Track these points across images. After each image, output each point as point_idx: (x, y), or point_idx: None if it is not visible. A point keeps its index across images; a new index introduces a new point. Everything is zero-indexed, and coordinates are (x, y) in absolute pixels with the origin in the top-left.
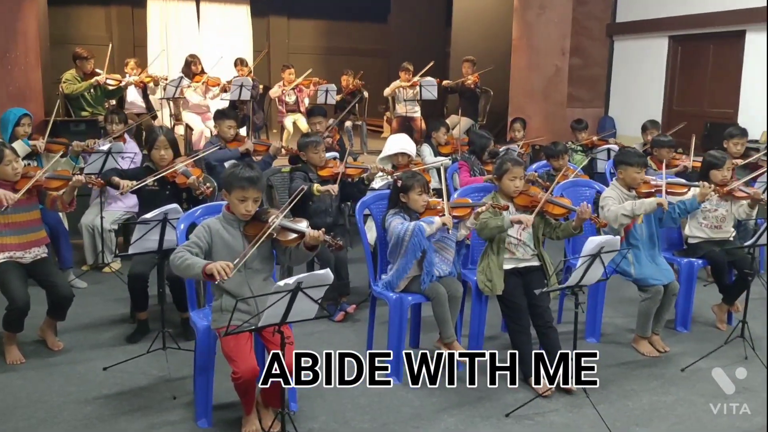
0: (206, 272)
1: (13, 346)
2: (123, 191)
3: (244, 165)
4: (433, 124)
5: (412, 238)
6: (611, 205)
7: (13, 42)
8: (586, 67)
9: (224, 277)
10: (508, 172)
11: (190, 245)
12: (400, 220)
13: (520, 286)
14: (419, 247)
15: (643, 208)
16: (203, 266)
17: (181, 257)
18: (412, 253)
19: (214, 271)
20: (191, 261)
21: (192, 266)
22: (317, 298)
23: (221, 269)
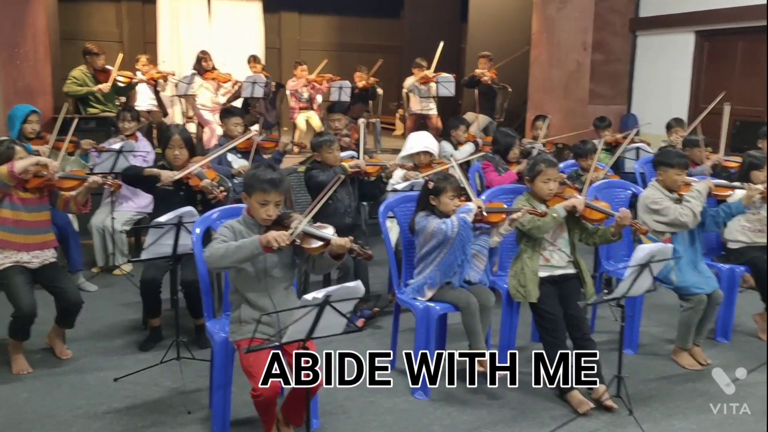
0: (263, 242)
1: (20, 354)
2: (164, 183)
3: (266, 166)
4: (452, 121)
5: (460, 231)
6: (671, 204)
7: (21, 37)
8: (608, 63)
9: (282, 245)
10: (541, 174)
11: (220, 242)
12: (438, 219)
13: (555, 294)
14: (468, 239)
15: (702, 194)
16: (257, 239)
17: (219, 246)
18: (460, 248)
19: (271, 240)
20: (238, 243)
21: (242, 247)
22: (346, 312)
23: (278, 237)
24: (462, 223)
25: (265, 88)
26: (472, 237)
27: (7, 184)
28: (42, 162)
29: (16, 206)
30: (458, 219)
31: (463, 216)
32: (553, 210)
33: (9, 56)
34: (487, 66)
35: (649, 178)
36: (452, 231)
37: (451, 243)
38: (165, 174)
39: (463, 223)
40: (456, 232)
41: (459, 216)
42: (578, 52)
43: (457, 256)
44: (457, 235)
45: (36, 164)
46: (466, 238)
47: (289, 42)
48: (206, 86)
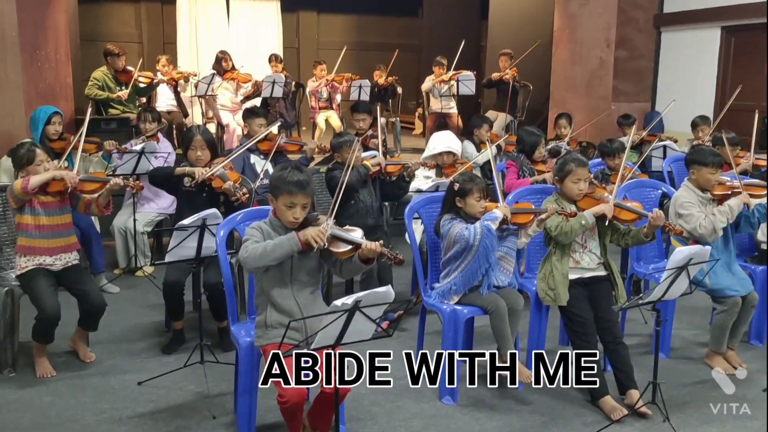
0: (302, 239)
1: (43, 357)
2: (198, 180)
3: (293, 167)
4: (475, 120)
5: (483, 239)
6: (697, 213)
7: (43, 39)
8: (632, 60)
9: (321, 244)
10: (571, 174)
11: (254, 242)
12: (462, 224)
13: (586, 297)
14: (491, 248)
15: (733, 212)
16: (295, 235)
17: (256, 246)
18: (484, 257)
19: (310, 239)
20: (276, 241)
21: (280, 244)
22: (376, 318)
23: (316, 235)
24: (485, 231)
25: (284, 88)
26: (496, 245)
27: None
28: (58, 177)
29: (36, 211)
30: (482, 226)
31: (487, 224)
32: (582, 216)
33: (31, 58)
34: (508, 64)
35: (677, 176)
36: (474, 238)
37: (474, 250)
38: (199, 170)
39: (487, 231)
40: (479, 240)
41: (483, 223)
42: (601, 49)
43: (481, 264)
44: (480, 243)
45: (52, 179)
46: (489, 246)
47: (307, 41)
48: (226, 86)
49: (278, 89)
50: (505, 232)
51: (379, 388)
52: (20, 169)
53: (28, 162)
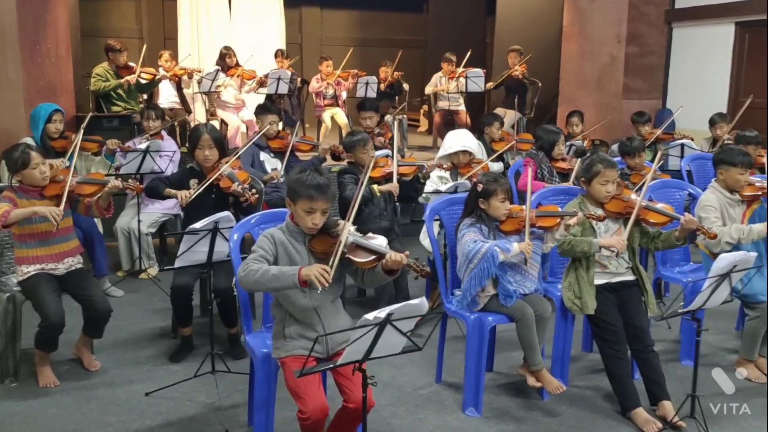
0: (302, 279)
1: (47, 366)
2: (183, 204)
3: (312, 169)
4: (486, 118)
5: (481, 262)
6: (713, 218)
7: (43, 34)
8: (643, 56)
9: (324, 285)
10: (599, 176)
11: (258, 258)
12: (475, 235)
13: (614, 304)
14: (487, 274)
15: (751, 236)
16: (297, 273)
17: (256, 270)
18: (477, 279)
19: (312, 278)
20: (276, 271)
21: (279, 276)
22: (407, 331)
23: (320, 275)
24: (489, 256)
25: (290, 84)
26: (494, 272)
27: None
28: (41, 213)
29: (33, 220)
30: (488, 250)
31: (495, 250)
32: (590, 243)
33: (31, 54)
34: (518, 60)
35: (696, 175)
36: (474, 256)
37: (471, 268)
38: (182, 194)
39: (490, 257)
40: (478, 260)
41: (492, 248)
42: (612, 45)
43: (473, 285)
44: (477, 264)
45: (34, 214)
46: (485, 271)
47: (310, 37)
48: (230, 83)
49: (283, 85)
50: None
51: (401, 399)
52: (15, 173)
53: (23, 165)
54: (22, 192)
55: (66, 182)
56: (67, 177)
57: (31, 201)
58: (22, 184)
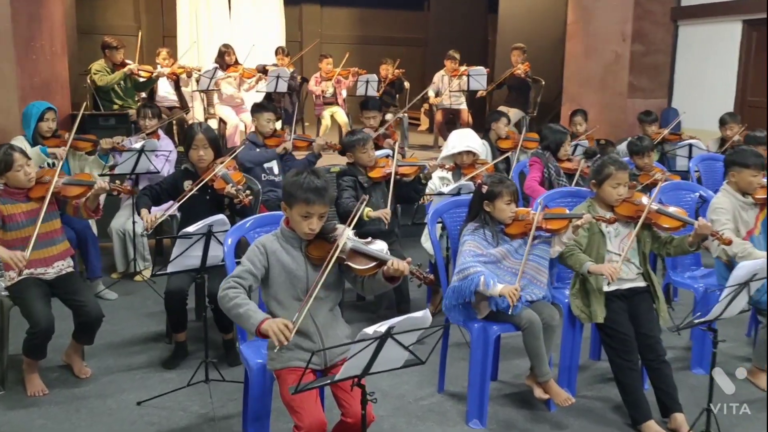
0: (261, 332)
1: (35, 374)
2: (148, 229)
3: (309, 172)
4: (492, 114)
5: (464, 280)
6: (724, 220)
7: (37, 30)
8: (648, 54)
9: (283, 343)
10: (610, 178)
11: (243, 275)
12: (475, 245)
13: (625, 311)
14: (463, 295)
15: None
16: (257, 325)
17: (231, 299)
18: (453, 295)
19: (271, 335)
20: (243, 311)
21: (242, 318)
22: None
23: (279, 332)
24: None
25: (290, 82)
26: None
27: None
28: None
29: (20, 224)
30: (474, 273)
31: (479, 278)
32: (583, 265)
33: (25, 51)
34: (521, 58)
35: (704, 176)
36: (458, 273)
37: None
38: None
39: (470, 281)
40: (459, 278)
41: (478, 274)
42: (617, 43)
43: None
44: (459, 282)
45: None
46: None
47: (310, 35)
48: (229, 81)
49: (282, 84)
50: (537, 240)
51: (401, 409)
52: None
53: (6, 168)
54: (7, 196)
55: (51, 183)
56: (53, 178)
57: (15, 205)
58: (7, 186)
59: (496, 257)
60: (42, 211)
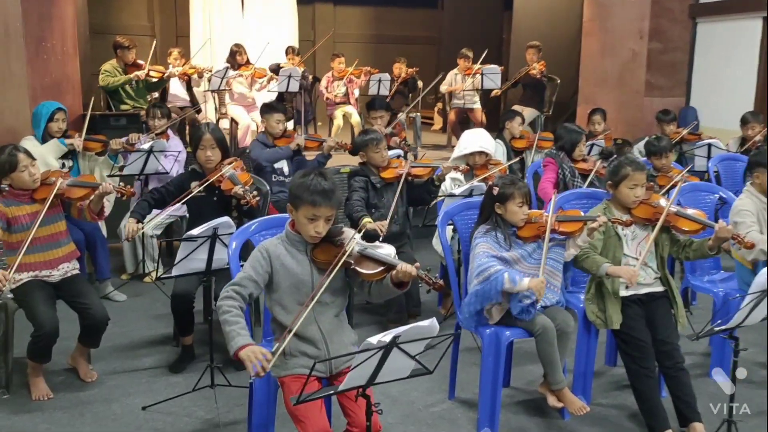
0: (239, 356)
1: (40, 378)
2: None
3: (316, 173)
4: (507, 113)
5: (485, 282)
6: (749, 222)
7: (48, 29)
8: (666, 52)
9: (259, 376)
10: (627, 179)
11: (243, 283)
12: (488, 246)
13: (642, 317)
14: (488, 298)
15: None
16: (236, 350)
17: (224, 314)
18: (478, 298)
19: (248, 365)
20: (228, 330)
21: (227, 337)
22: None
23: (256, 362)
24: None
25: (301, 81)
26: (496, 298)
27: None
28: None
29: (25, 226)
30: (496, 272)
31: (503, 276)
32: (601, 267)
33: (36, 51)
34: (536, 57)
35: (723, 177)
36: (478, 275)
37: (473, 284)
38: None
39: (494, 281)
40: (481, 280)
41: (501, 272)
42: (634, 41)
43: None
44: (481, 283)
45: None
46: (485, 294)
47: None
48: (240, 81)
49: (294, 83)
50: (551, 242)
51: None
52: (2, 177)
53: (10, 169)
54: (12, 197)
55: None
56: (57, 179)
57: (20, 207)
58: (12, 188)
59: (509, 261)
60: (41, 213)
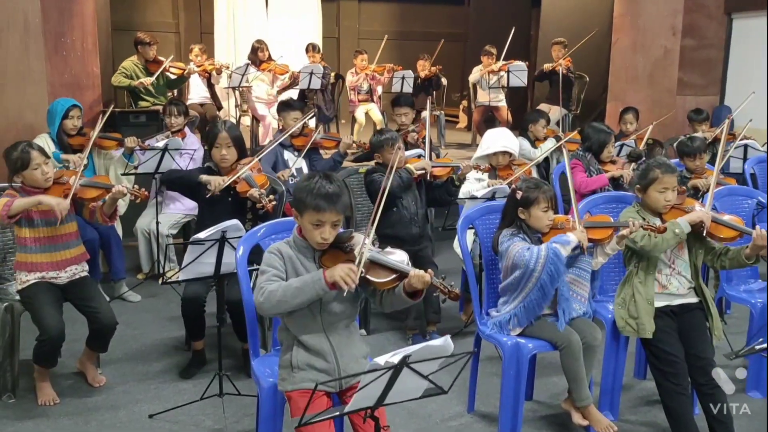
0: (329, 281)
1: (46, 383)
2: (214, 192)
3: (321, 176)
4: (530, 115)
5: (547, 265)
6: None
7: (68, 25)
8: (700, 49)
9: (351, 287)
10: (657, 182)
11: (272, 278)
12: (523, 243)
13: (675, 330)
14: (557, 275)
15: None
16: (321, 276)
17: (275, 289)
18: (550, 286)
19: (339, 279)
20: (298, 283)
21: (303, 288)
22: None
23: (346, 276)
24: (551, 255)
25: (323, 80)
26: (564, 272)
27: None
28: (46, 202)
29: (35, 223)
30: (548, 249)
31: (555, 246)
32: (675, 224)
33: (55, 46)
34: (562, 53)
35: (760, 180)
36: (537, 262)
37: (536, 277)
38: (214, 181)
39: (554, 256)
40: (542, 265)
41: (551, 246)
42: (666, 37)
43: (547, 292)
44: (542, 270)
45: (38, 203)
46: (555, 273)
47: (347, 31)
48: (262, 78)
49: (316, 81)
50: (576, 251)
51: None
52: (15, 174)
53: (22, 166)
54: (24, 193)
55: (70, 184)
56: (72, 179)
57: None
58: (24, 185)
59: None
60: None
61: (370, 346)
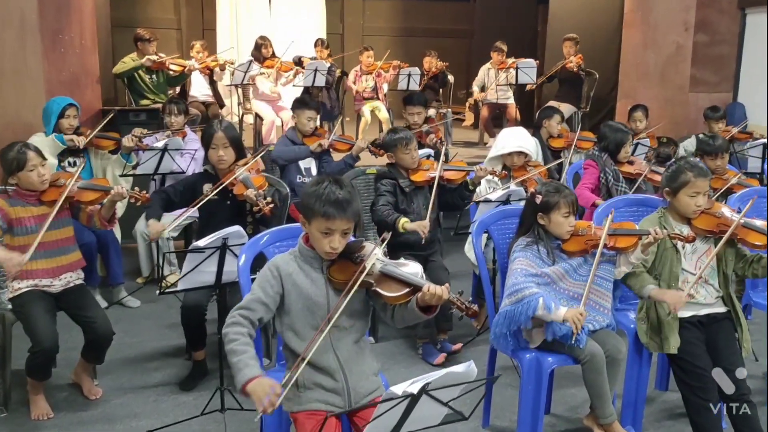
0: (245, 392)
1: (40, 396)
2: (152, 238)
3: (330, 180)
4: (545, 111)
5: (518, 304)
6: None
7: (66, 22)
8: (713, 45)
9: (267, 412)
10: (688, 186)
11: (252, 306)
12: (527, 263)
13: (702, 342)
14: (517, 321)
15: None
16: (243, 383)
17: (230, 342)
18: (507, 319)
19: (255, 400)
20: (235, 361)
21: (233, 369)
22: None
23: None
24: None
25: (328, 76)
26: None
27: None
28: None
29: (29, 229)
30: (532, 295)
31: (537, 301)
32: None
33: (53, 43)
34: (573, 50)
35: None
36: (513, 295)
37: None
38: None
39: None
40: (514, 300)
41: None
42: (678, 33)
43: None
44: (512, 305)
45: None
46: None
47: (352, 27)
48: (265, 75)
49: (320, 78)
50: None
51: None
52: (10, 175)
53: (18, 167)
54: (18, 197)
55: (66, 187)
56: (68, 181)
57: (26, 208)
58: (19, 187)
59: (551, 278)
60: (50, 216)
61: (378, 354)
